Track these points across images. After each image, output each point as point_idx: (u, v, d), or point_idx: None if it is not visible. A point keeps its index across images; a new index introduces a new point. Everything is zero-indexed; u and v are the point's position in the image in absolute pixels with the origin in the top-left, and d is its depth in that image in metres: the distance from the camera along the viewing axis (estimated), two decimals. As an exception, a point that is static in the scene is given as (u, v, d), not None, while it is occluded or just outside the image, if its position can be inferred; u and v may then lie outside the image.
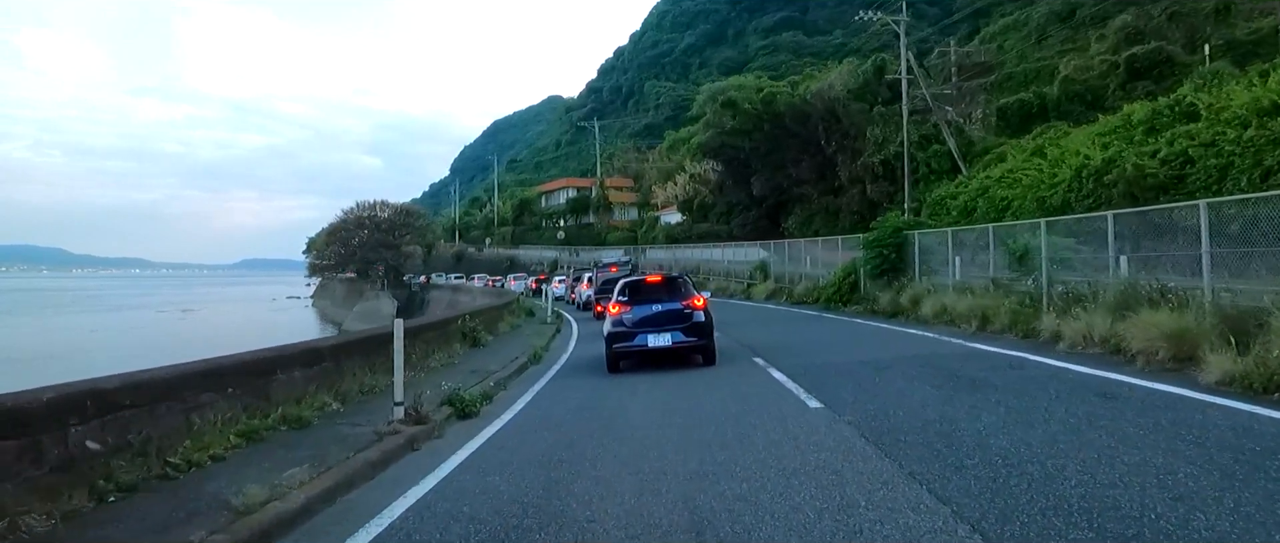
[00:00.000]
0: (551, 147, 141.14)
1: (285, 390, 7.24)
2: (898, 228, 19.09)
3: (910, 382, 8.57)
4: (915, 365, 9.81)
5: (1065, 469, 4.77)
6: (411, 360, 10.87)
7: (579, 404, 8.70)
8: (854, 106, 42.42)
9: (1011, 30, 63.87)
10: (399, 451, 6.41)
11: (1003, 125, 40.15)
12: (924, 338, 13.01)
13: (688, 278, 13.34)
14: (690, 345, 11.31)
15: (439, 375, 10.66)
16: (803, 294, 25.59)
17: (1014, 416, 6.47)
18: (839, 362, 10.72)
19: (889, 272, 18.87)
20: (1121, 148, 22.49)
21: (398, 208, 71.61)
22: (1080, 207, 20.60)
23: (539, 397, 9.59)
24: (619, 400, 8.78)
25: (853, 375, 9.34)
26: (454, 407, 8.15)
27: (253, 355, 7.01)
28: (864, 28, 79.69)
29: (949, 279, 16.33)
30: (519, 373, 11.92)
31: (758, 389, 8.86)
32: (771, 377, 9.79)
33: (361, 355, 9.07)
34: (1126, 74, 37.23)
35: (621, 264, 31.94)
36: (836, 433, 6.32)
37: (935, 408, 7.01)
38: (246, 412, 6.43)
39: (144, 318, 72.02)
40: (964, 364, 9.65)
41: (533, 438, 6.98)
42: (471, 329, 14.77)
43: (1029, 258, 12.88)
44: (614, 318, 11.65)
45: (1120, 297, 10.03)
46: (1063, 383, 7.90)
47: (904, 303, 17.11)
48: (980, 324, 13.03)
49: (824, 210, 41.73)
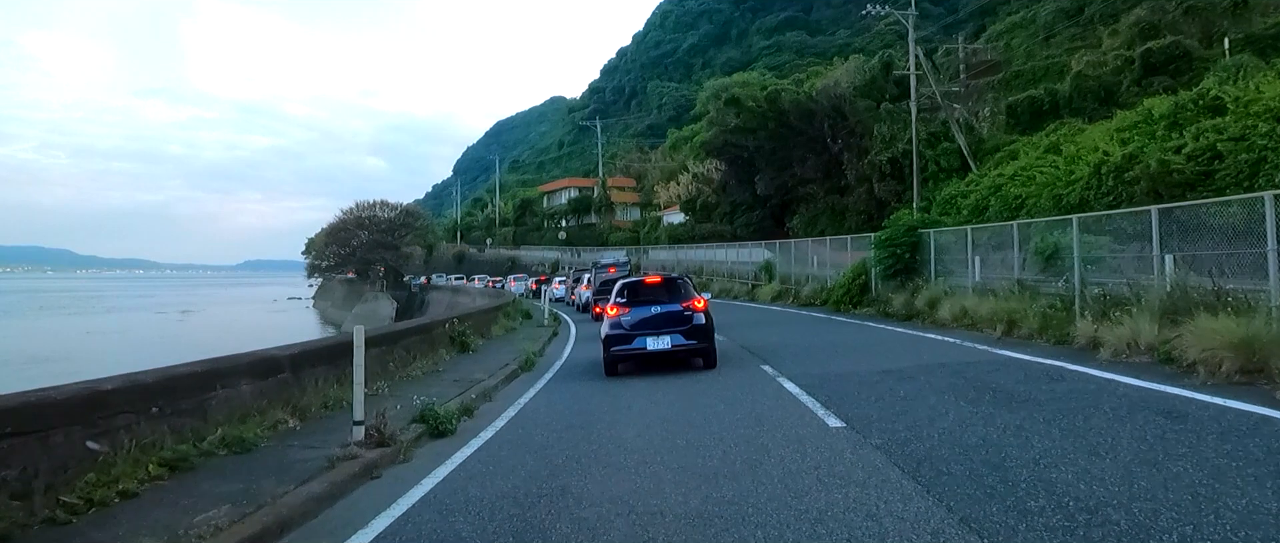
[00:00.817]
0: (554, 147, 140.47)
1: (229, 408, 6.32)
2: (912, 226, 18.12)
3: (940, 396, 7.63)
4: (942, 376, 8.87)
5: (1158, 518, 3.84)
6: (388, 370, 9.98)
7: (568, 421, 7.77)
8: (861, 104, 41.55)
9: (1018, 28, 63.00)
10: (352, 480, 5.49)
11: (1012, 123, 39.27)
12: (945, 344, 12.06)
13: (688, 279, 12.86)
14: (690, 349, 10.94)
15: (419, 386, 9.75)
16: (810, 296, 24.65)
17: (1071, 440, 5.53)
18: (856, 371, 9.79)
19: (903, 272, 17.92)
20: (1143, 143, 21.64)
21: (398, 208, 70.86)
22: (1100, 204, 19.74)
23: (526, 411, 8.67)
24: (612, 417, 7.86)
25: (873, 387, 8.40)
26: (427, 424, 7.24)
27: (187, 368, 6.08)
28: (868, 27, 78.98)
29: (968, 280, 15.37)
30: (508, 381, 11.01)
31: (769, 404, 7.92)
32: (783, 388, 8.85)
33: (328, 365, 8.15)
34: (1142, 69, 36.34)
35: (620, 265, 30.99)
36: (864, 461, 5.38)
37: (976, 429, 6.07)
38: (174, 435, 5.51)
39: (141, 320, 71.49)
40: (997, 375, 8.70)
41: (512, 463, 6.06)
42: (460, 334, 13.85)
43: (1059, 258, 11.92)
44: (612, 320, 11.18)
45: (1168, 300, 9.08)
46: (1116, 398, 6.96)
47: (920, 306, 16.16)
48: (1006, 329, 12.08)
49: (830, 210, 40.83)
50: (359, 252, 68.13)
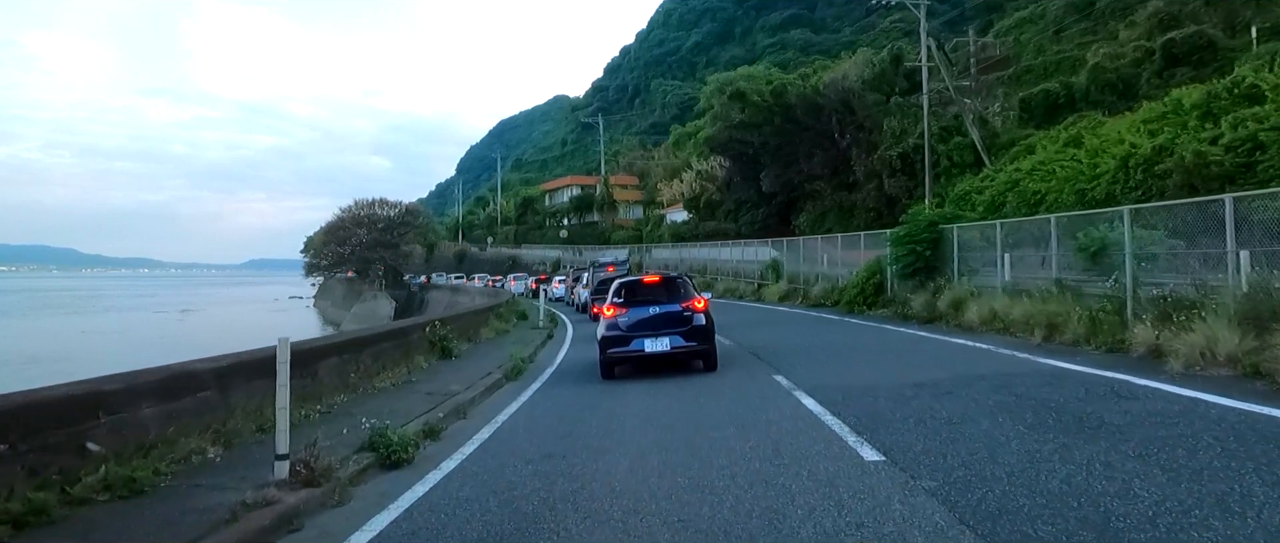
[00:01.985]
0: (557, 146, 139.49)
1: (123, 438, 5.11)
2: (933, 221, 16.84)
3: (993, 418, 6.38)
4: (986, 390, 7.62)
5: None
6: (350, 382, 8.77)
7: (548, 448, 6.54)
8: (869, 98, 40.32)
9: (1027, 24, 61.95)
10: (260, 537, 4.28)
11: (1026, 117, 38.15)
12: (979, 351, 10.79)
13: (688, 278, 12.13)
14: (690, 350, 10.47)
15: (384, 400, 8.53)
16: (820, 296, 23.40)
17: (1183, 485, 4.29)
18: (883, 383, 8.53)
19: (922, 271, 16.65)
20: (1174, 134, 20.46)
21: (397, 206, 69.72)
22: (1127, 199, 18.70)
23: (503, 431, 7.45)
24: (601, 442, 6.63)
25: (908, 406, 7.16)
26: (377, 452, 6.03)
27: (63, 391, 4.87)
28: (874, 25, 77.74)
29: (997, 280, 14.10)
30: (489, 393, 9.79)
31: (787, 427, 6.68)
32: (801, 406, 7.61)
33: (266, 379, 6.91)
34: (1163, 61, 35.26)
35: (619, 264, 29.75)
36: (920, 514, 4.14)
37: (1052, 467, 4.83)
38: (31, 476, 4.30)
39: (139, 319, 70.87)
40: (1052, 390, 7.45)
41: (469, 512, 4.81)
42: (442, 338, 12.63)
43: (1106, 254, 10.65)
44: (608, 321, 10.64)
45: (1246, 303, 7.82)
46: (1213, 424, 5.70)
47: (943, 307, 14.90)
48: (1046, 334, 10.82)
49: (837, 207, 39.64)
50: (357, 250, 67.07)
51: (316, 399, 7.71)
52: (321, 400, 7.79)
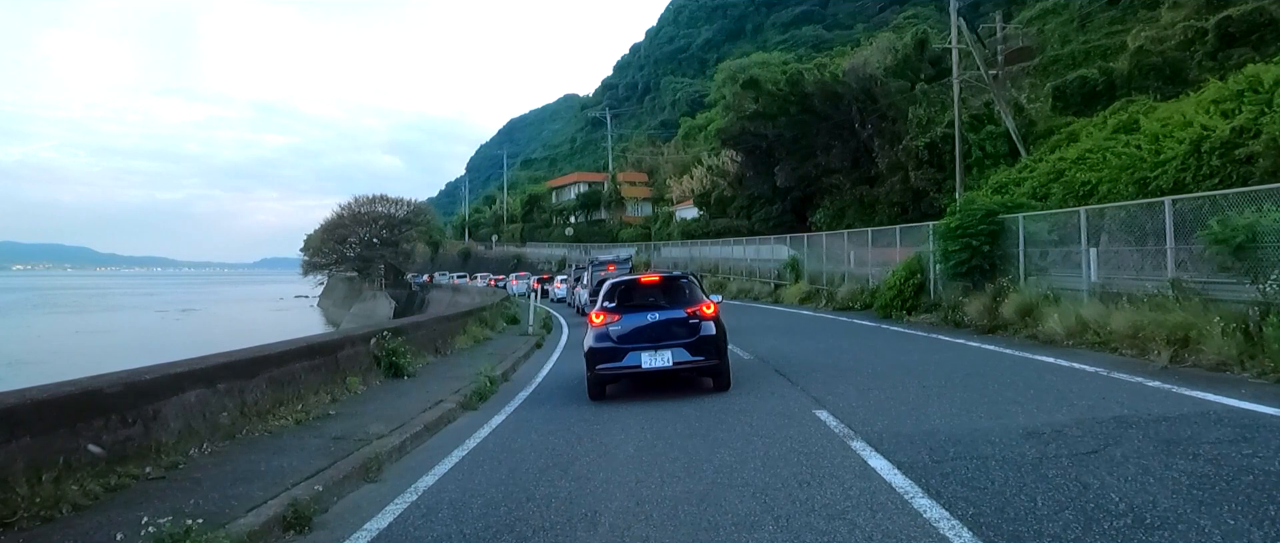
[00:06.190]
0: (566, 144, 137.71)
1: None
2: (991, 211, 14.12)
3: (1197, 509, 3.78)
4: (1151, 449, 5.01)
5: None
6: (220, 424, 6.24)
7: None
8: (892, 85, 37.76)
9: (1050, 14, 59.73)
10: None
11: (1061, 105, 35.60)
12: (1087, 376, 8.13)
13: (695, 278, 9.83)
14: (696, 366, 8.58)
15: (257, 456, 5.93)
16: (847, 298, 20.78)
17: None
18: (983, 430, 5.89)
19: (977, 270, 13.99)
20: (1255, 114, 17.98)
21: (400, 203, 67.55)
22: (1201, 186, 16.19)
23: (411, 518, 4.91)
24: (569, 536, 4.09)
25: (1036, 473, 4.56)
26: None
27: None
28: (887, 21, 75.58)
29: (1081, 281, 11.44)
30: (429, 433, 7.24)
31: (856, 518, 4.10)
32: (872, 475, 4.95)
33: (67, 429, 4.40)
34: (1217, 41, 32.62)
35: (621, 262, 27.14)
36: None
37: None
38: None
39: (138, 319, 70.08)
40: (1255, 450, 4.84)
41: None
42: (390, 351, 10.10)
43: (1253, 249, 8.00)
44: (597, 330, 8.94)
45: None
46: None
47: (1007, 314, 12.24)
48: (1174, 353, 8.16)
49: (858, 202, 37.06)
50: (356, 249, 65.07)
51: (145, 457, 5.17)
52: (155, 458, 5.25)
